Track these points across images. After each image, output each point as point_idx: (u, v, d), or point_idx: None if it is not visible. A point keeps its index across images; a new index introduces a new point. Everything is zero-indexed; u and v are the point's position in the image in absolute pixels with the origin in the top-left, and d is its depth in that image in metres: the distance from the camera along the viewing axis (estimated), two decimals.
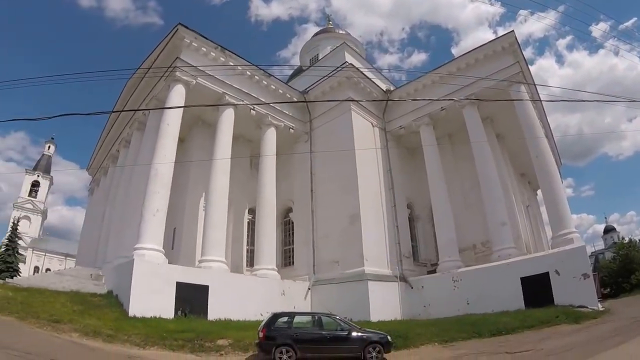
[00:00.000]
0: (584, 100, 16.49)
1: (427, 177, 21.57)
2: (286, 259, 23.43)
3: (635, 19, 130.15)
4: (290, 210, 24.02)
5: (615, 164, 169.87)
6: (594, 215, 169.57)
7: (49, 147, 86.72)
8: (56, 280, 17.15)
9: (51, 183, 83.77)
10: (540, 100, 22.04)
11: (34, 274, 59.12)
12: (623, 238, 47.17)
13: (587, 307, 14.04)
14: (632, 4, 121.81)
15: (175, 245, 20.66)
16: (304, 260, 21.32)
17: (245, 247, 22.31)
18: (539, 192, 33.49)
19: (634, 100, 15.10)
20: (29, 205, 77.34)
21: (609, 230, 77.89)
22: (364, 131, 22.30)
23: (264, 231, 19.91)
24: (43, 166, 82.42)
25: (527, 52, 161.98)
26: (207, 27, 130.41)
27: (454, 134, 23.42)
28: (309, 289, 19.62)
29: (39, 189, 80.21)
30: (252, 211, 22.53)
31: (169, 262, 16.31)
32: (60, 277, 18.01)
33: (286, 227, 24.21)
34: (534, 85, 22.47)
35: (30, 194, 78.74)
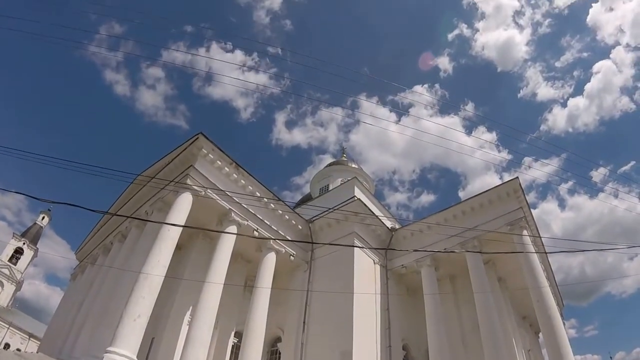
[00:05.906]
0: (583, 250, 16.61)
1: (426, 319, 20.65)
2: None
3: (633, 162, 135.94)
4: (279, 339, 22.53)
5: (619, 302, 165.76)
6: (599, 355, 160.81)
7: (43, 217, 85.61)
8: None
9: (35, 255, 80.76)
10: (545, 253, 22.27)
11: None
12: None
13: None
14: (630, 149, 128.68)
15: (151, 357, 18.82)
16: None
17: None
18: (540, 334, 32.26)
19: (633, 247, 15.21)
20: (6, 271, 73.66)
21: None
22: (366, 268, 22.01)
23: (248, 359, 18.36)
24: (32, 235, 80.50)
25: (531, 197, 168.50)
26: (227, 140, 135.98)
27: (455, 275, 23.08)
28: None
29: (22, 257, 77.09)
30: (238, 334, 21.01)
31: None
32: None
33: (272, 357, 22.48)
34: (537, 232, 22.85)
35: (10, 259, 75.39)
